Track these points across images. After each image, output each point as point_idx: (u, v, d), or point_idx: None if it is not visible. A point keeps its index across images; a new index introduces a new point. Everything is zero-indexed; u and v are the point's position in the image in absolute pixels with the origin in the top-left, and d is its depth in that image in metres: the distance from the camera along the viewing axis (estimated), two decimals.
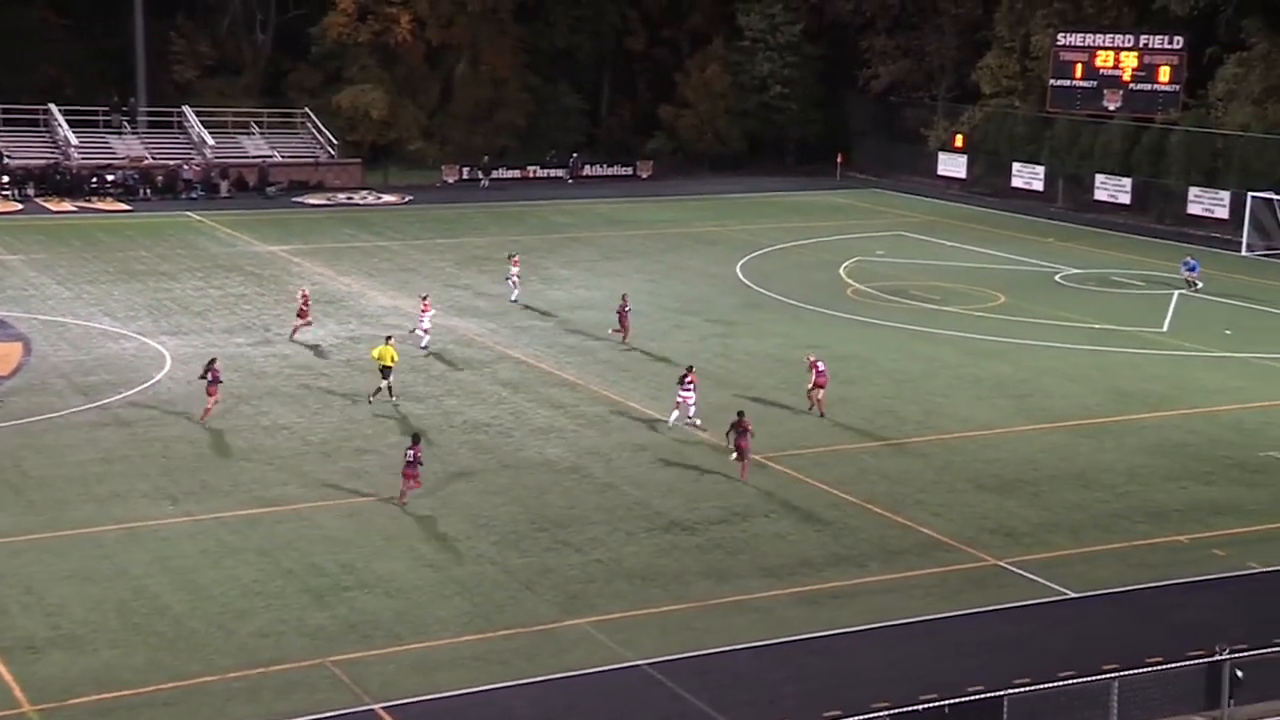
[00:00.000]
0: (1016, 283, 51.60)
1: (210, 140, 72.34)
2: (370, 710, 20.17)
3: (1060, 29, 71.92)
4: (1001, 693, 18.93)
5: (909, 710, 18.69)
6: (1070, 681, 19.14)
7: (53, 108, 71.59)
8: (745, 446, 29.89)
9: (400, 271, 52.24)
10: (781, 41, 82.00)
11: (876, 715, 18.63)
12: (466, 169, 76.70)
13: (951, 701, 18.55)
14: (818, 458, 31.47)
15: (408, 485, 27.97)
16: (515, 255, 48.27)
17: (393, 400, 34.74)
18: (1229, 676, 18.76)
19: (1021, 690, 19.12)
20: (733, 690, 21.06)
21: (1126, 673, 18.70)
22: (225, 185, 69.62)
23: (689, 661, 21.84)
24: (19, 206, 64.17)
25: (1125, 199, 67.93)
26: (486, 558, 25.63)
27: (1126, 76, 70.01)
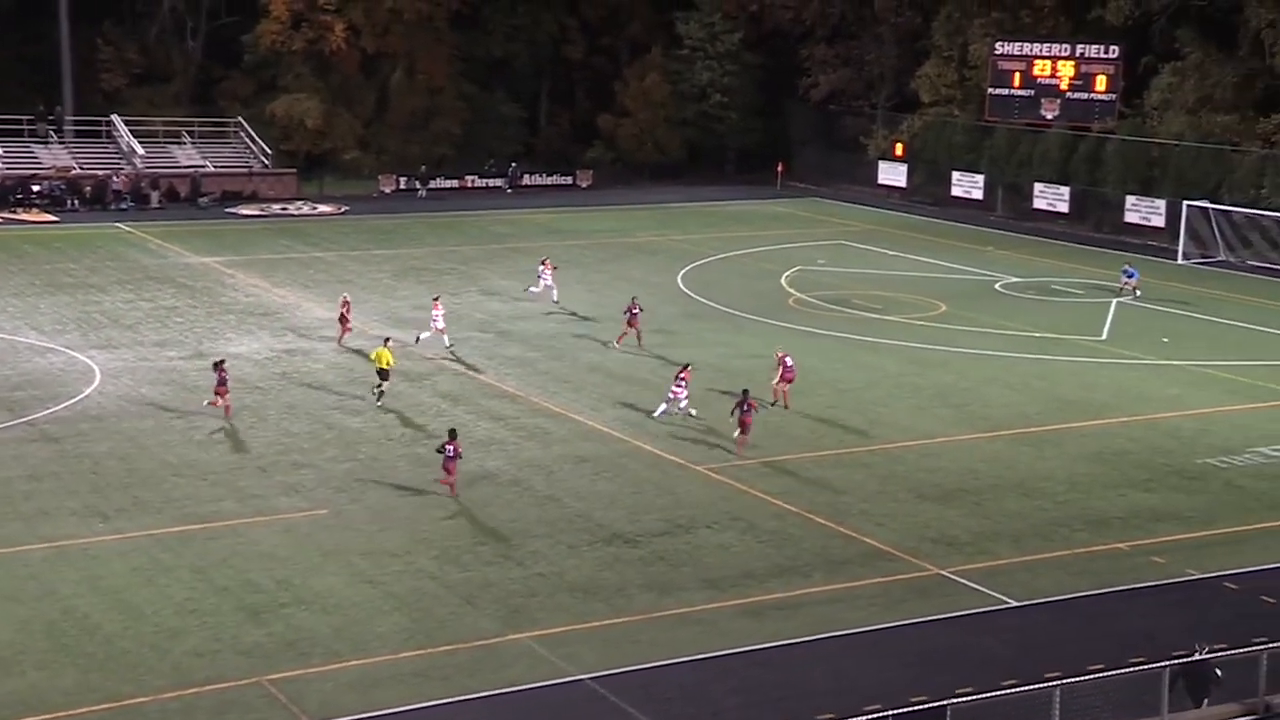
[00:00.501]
0: (957, 292, 52.10)
1: (140, 150, 71.64)
2: None
3: (998, 38, 72.76)
4: (945, 702, 19.08)
5: None
6: (1013, 690, 19.33)
7: None
8: (749, 422, 32.41)
9: (337, 283, 51.88)
10: (721, 50, 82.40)
11: None
12: (403, 179, 76.42)
13: (895, 712, 18.67)
14: (760, 468, 31.60)
15: (450, 479, 29.23)
16: (546, 259, 49.24)
17: (378, 404, 35.41)
18: (1168, 682, 19.02)
19: (964, 700, 19.28)
20: (676, 704, 21.09)
21: (1068, 681, 18.90)
22: (156, 196, 68.97)
23: (632, 675, 21.86)
24: None
25: (1064, 207, 68.79)
26: (426, 572, 25.53)
27: (1064, 85, 70.95)
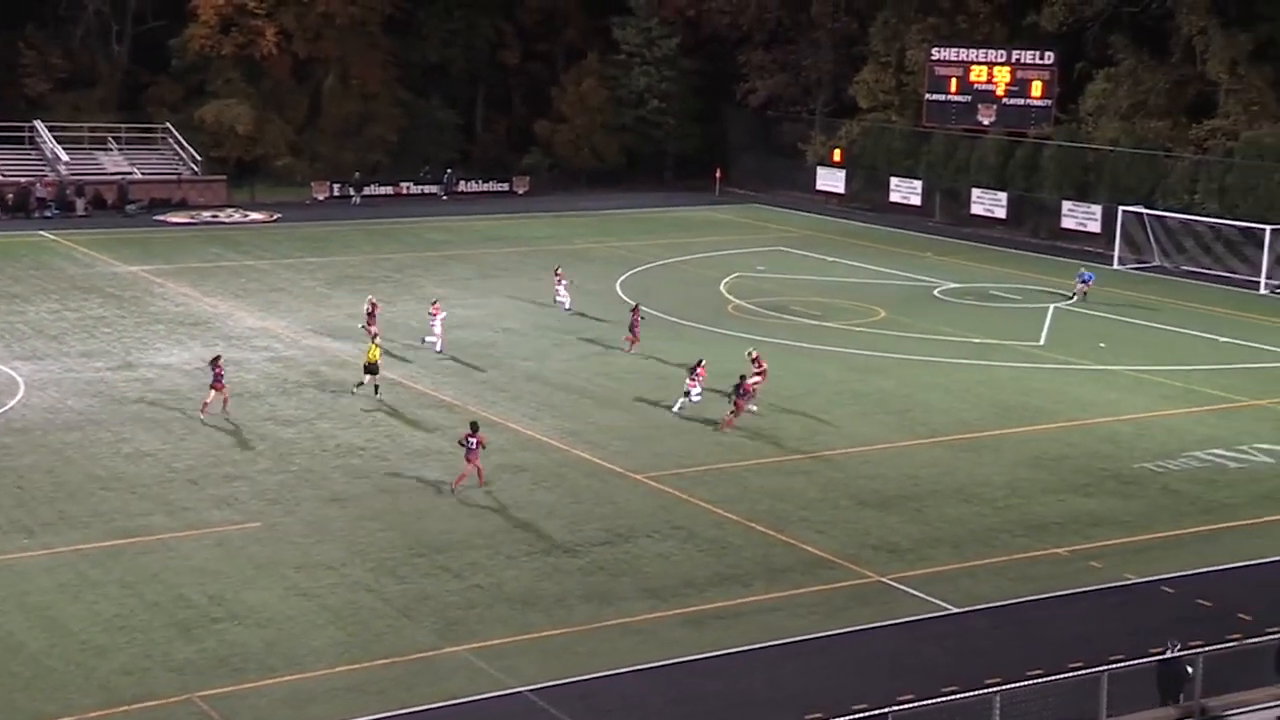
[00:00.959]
0: (896, 297, 52.49)
1: (65, 156, 70.76)
2: None
3: (934, 44, 73.44)
4: (886, 710, 19.21)
5: None
6: (953, 697, 19.49)
7: None
8: (741, 406, 34.70)
9: (269, 291, 51.55)
10: (658, 55, 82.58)
11: None
12: (337, 185, 75.97)
13: None
14: (700, 476, 31.69)
15: (477, 469, 30.11)
16: (560, 268, 50.09)
17: (378, 398, 36.67)
18: (1105, 686, 19.26)
19: (905, 707, 19.42)
20: (617, 715, 21.11)
21: (1008, 687, 19.09)
22: (82, 203, 68.13)
23: (572, 687, 21.85)
24: None
25: (1001, 213, 69.51)
26: (362, 585, 25.38)
27: (1000, 91, 71.74)
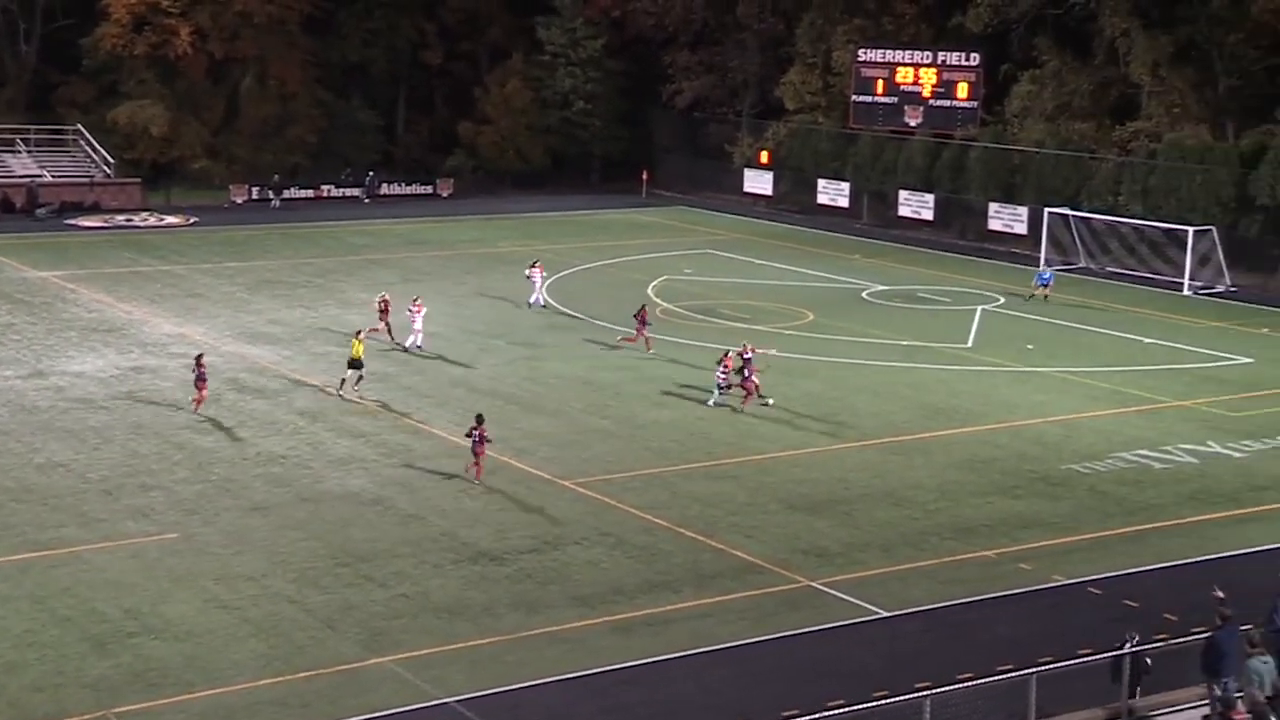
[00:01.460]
0: (825, 300, 52.83)
1: None
2: None
3: (861, 45, 74.02)
4: (815, 716, 19.31)
5: None
6: (883, 702, 19.63)
7: None
8: (750, 387, 36.76)
9: (186, 297, 50.98)
10: (583, 56, 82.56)
11: None
12: (256, 188, 75.19)
13: None
14: (629, 482, 31.71)
15: (479, 462, 31.03)
16: (538, 261, 51.19)
17: (356, 390, 37.42)
18: (1034, 690, 19.50)
19: (835, 712, 19.52)
20: None
21: (938, 691, 19.26)
22: None
23: (499, 697, 21.77)
24: None
25: (928, 215, 70.13)
26: (284, 596, 25.15)
27: (926, 93, 72.40)
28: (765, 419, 36.89)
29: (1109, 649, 21.81)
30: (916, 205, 70.61)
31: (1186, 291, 56.02)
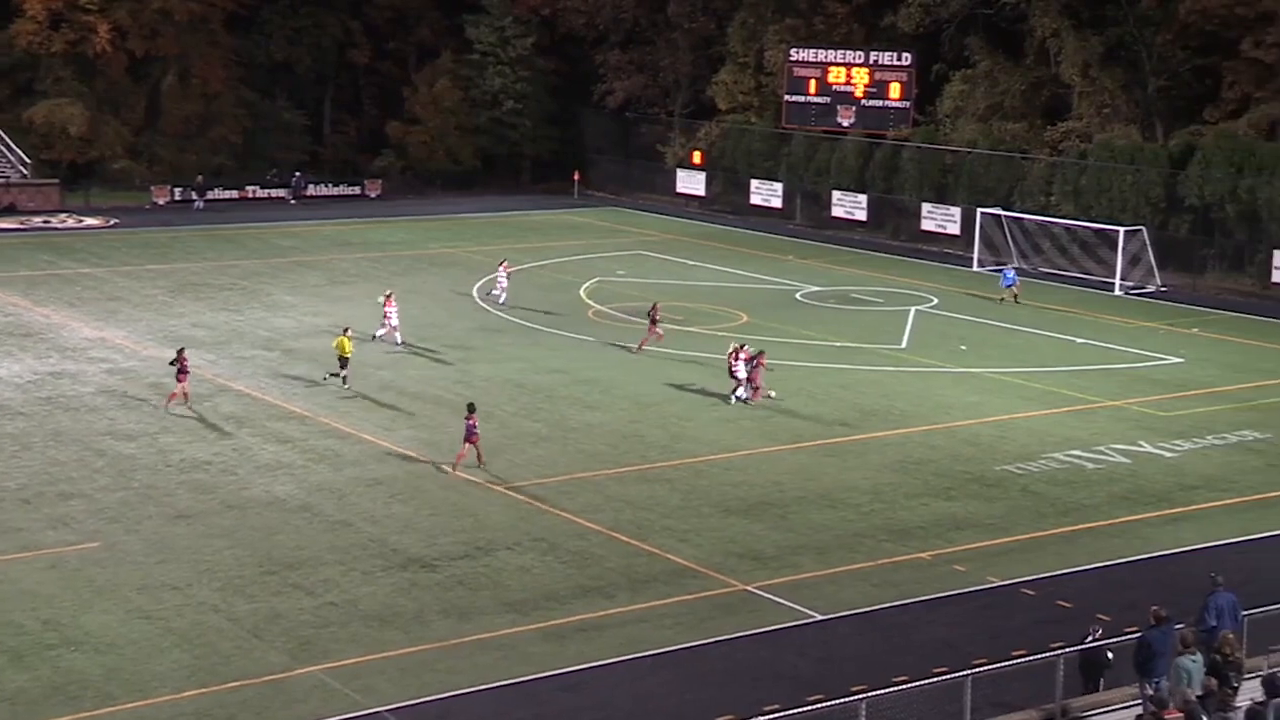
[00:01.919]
0: (759, 301, 53.03)
1: None
2: None
3: (793, 45, 74.40)
4: None
5: None
6: (819, 705, 19.70)
7: None
8: (757, 379, 38.06)
9: (107, 300, 50.33)
10: (513, 55, 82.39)
11: None
12: (179, 189, 74.47)
13: None
14: (561, 486, 31.66)
15: (464, 450, 31.96)
16: (505, 260, 52.14)
17: (345, 387, 38.21)
18: (969, 692, 19.65)
19: (771, 717, 19.58)
20: None
21: (873, 694, 19.36)
22: None
23: (430, 705, 21.66)
24: None
25: (862, 215, 70.61)
26: (209, 605, 24.89)
27: (859, 93, 72.90)
28: (700, 422, 36.96)
29: (1042, 650, 22.05)
30: (850, 206, 71.06)
31: (1118, 292, 56.75)
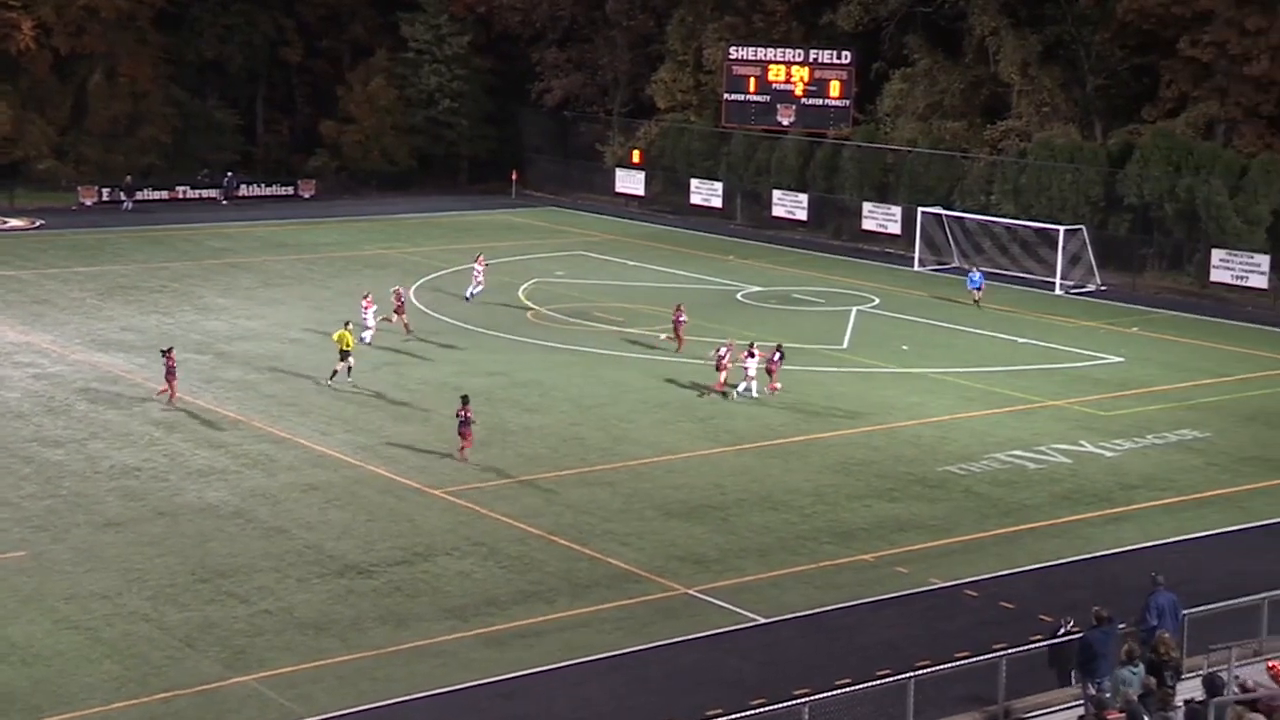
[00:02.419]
0: (700, 302, 53.05)
1: None
2: None
3: (732, 43, 74.62)
4: None
5: None
6: (762, 709, 19.76)
7: None
8: (774, 370, 39.46)
9: (32, 304, 49.69)
10: (449, 54, 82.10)
11: None
12: (107, 190, 73.71)
13: None
14: (500, 490, 31.58)
15: (465, 444, 32.95)
16: (481, 255, 52.75)
17: (350, 381, 38.88)
18: (913, 694, 19.78)
19: None
20: None
21: (816, 698, 19.45)
22: None
23: (368, 714, 21.54)
24: None
25: (802, 215, 70.91)
26: (140, 615, 24.63)
27: (799, 91, 73.20)
28: (641, 425, 36.98)
29: (985, 651, 22.24)
30: (790, 205, 71.35)
31: (1058, 291, 57.33)
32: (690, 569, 27.49)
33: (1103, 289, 57.94)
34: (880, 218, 67.55)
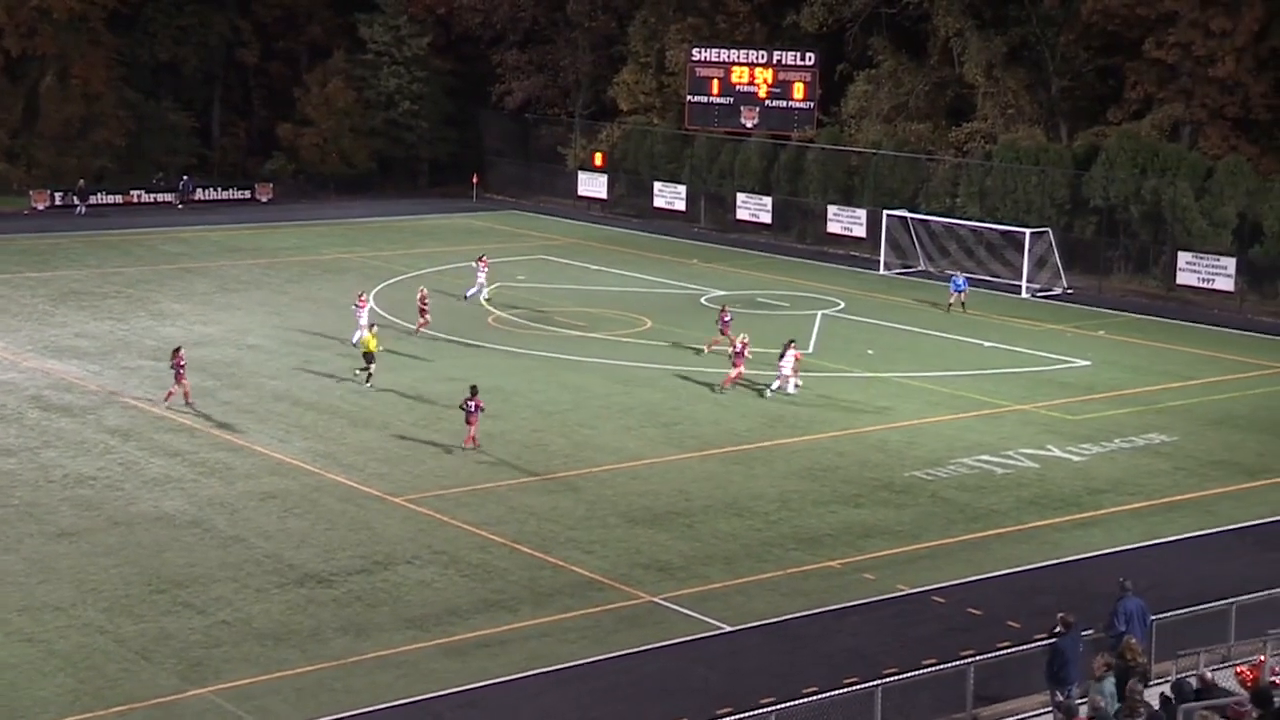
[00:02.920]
0: (663, 306, 53.16)
1: None
2: None
3: (695, 44, 74.73)
4: None
5: None
6: (728, 718, 19.78)
7: None
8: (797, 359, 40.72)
9: None
10: (408, 55, 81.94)
11: None
12: (59, 194, 73.25)
13: None
14: (462, 497, 31.50)
15: (472, 431, 34.26)
16: (484, 256, 53.99)
17: (368, 385, 39.62)
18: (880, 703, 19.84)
19: None
20: None
21: (782, 706, 19.47)
22: None
23: None
24: None
25: (766, 218, 71.04)
26: (95, 626, 24.44)
27: (762, 93, 73.36)
28: (604, 431, 36.95)
29: (952, 659, 22.30)
30: (754, 208, 71.47)
31: (1024, 294, 57.62)
32: (655, 577, 27.47)
33: (1069, 292, 58.27)
34: (845, 220, 67.71)
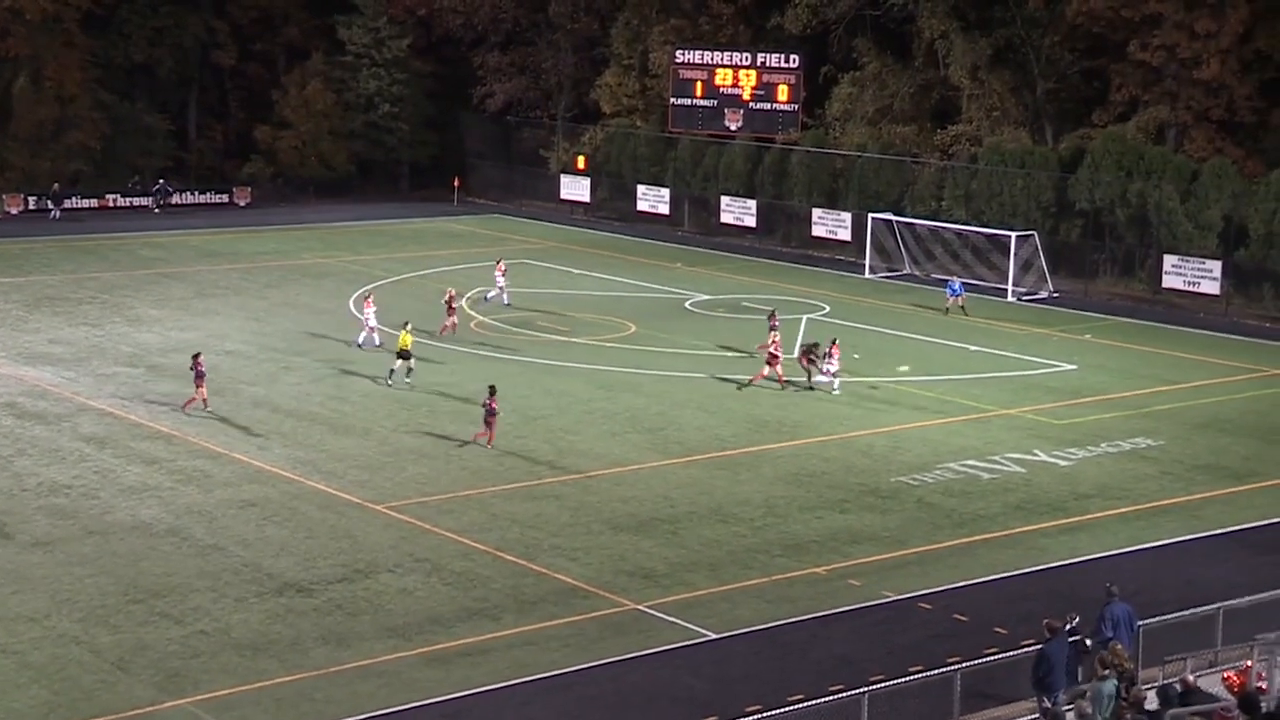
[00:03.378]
0: (647, 311, 53.20)
1: None
2: None
3: (678, 46, 74.81)
4: None
5: None
6: None
7: None
8: (806, 363, 42.00)
9: None
10: (388, 57, 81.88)
11: None
12: (33, 198, 73.06)
13: None
14: (444, 504, 31.49)
15: (490, 432, 35.13)
16: (501, 260, 54.43)
17: (408, 381, 40.44)
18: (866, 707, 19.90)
19: None
20: None
21: (768, 713, 19.51)
22: None
23: None
24: None
25: (751, 221, 71.14)
26: (70, 637, 24.37)
27: (746, 95, 73.47)
28: (588, 436, 36.97)
29: (939, 665, 22.36)
30: (739, 212, 71.56)
31: (1010, 298, 57.79)
32: (639, 584, 27.50)
33: (1055, 295, 58.45)
34: (830, 224, 67.84)
